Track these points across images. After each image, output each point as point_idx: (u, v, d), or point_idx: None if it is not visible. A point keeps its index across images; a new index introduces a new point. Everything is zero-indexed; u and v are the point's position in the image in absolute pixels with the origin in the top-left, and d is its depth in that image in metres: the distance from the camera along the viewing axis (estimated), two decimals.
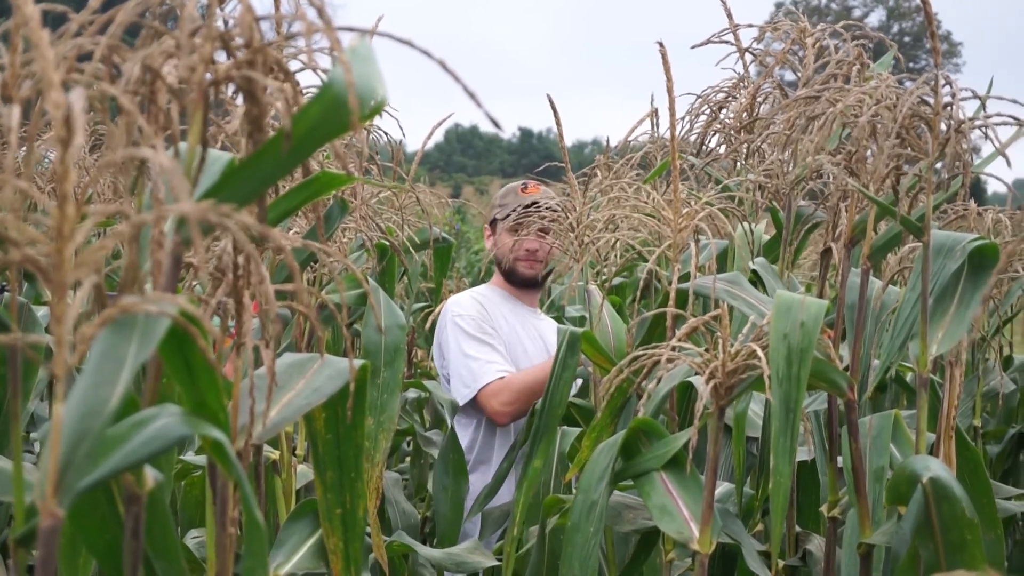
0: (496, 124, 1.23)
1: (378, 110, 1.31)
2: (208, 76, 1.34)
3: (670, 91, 2.76)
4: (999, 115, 2.23)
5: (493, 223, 4.76)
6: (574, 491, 2.48)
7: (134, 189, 1.47)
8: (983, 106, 2.33)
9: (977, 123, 2.25)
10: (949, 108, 2.25)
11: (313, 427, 2.06)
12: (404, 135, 3.49)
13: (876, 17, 59.04)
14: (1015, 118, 2.21)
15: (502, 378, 4.44)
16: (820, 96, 2.35)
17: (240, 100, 1.38)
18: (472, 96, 1.20)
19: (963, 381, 4.79)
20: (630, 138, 4.10)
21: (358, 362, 1.79)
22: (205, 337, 1.29)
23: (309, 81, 2.87)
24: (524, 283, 4.76)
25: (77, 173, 1.15)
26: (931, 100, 2.26)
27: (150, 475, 1.44)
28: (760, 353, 2.07)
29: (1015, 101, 2.23)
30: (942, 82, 2.25)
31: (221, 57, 1.37)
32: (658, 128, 4.22)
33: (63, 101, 1.10)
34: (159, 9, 1.34)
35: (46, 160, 3.40)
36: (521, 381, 4.40)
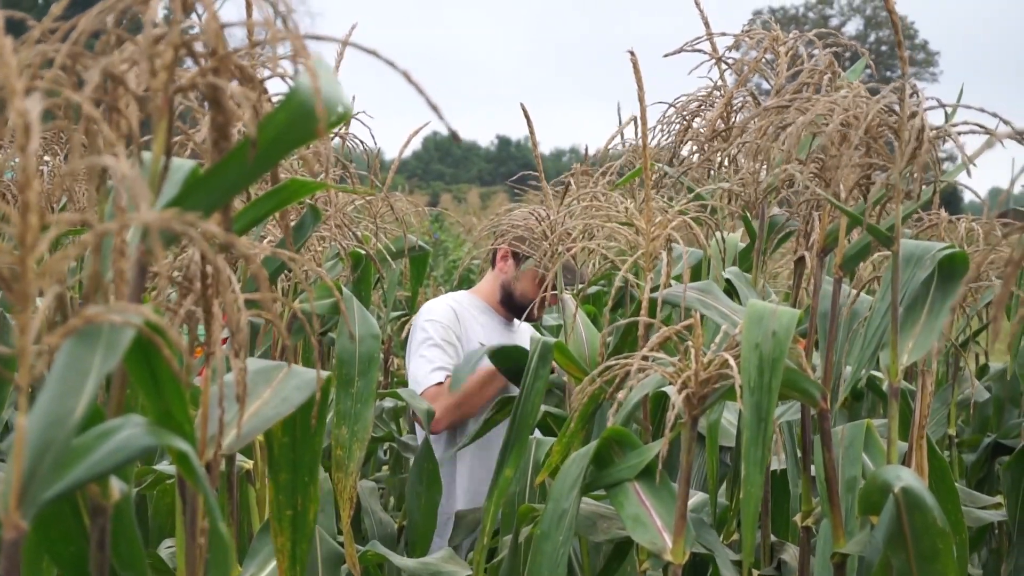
0: (456, 136, 1.23)
1: (345, 118, 1.31)
2: (174, 84, 1.33)
3: (641, 100, 2.76)
4: (966, 123, 2.23)
5: (516, 255, 4.70)
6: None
7: (99, 197, 1.46)
8: (947, 116, 2.33)
9: (944, 132, 2.25)
10: (916, 117, 2.25)
11: (270, 431, 2.06)
12: (377, 144, 3.48)
13: (853, 26, 59.30)
14: (982, 126, 2.21)
15: (440, 383, 4.45)
16: (790, 105, 2.35)
17: (207, 108, 1.38)
18: (435, 108, 1.19)
19: (935, 390, 4.82)
20: (609, 146, 4.10)
21: (325, 373, 1.78)
22: (170, 347, 1.28)
23: (277, 89, 2.86)
24: (516, 315, 4.77)
25: (51, 182, 1.14)
26: (898, 109, 2.26)
27: (116, 486, 1.43)
28: (732, 363, 2.07)
29: (982, 110, 2.23)
30: (909, 92, 2.25)
31: (191, 66, 1.36)
32: (637, 136, 4.21)
33: (26, 109, 1.10)
34: (123, 16, 1.33)
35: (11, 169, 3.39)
36: (471, 385, 4.38)
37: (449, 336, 4.59)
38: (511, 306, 4.77)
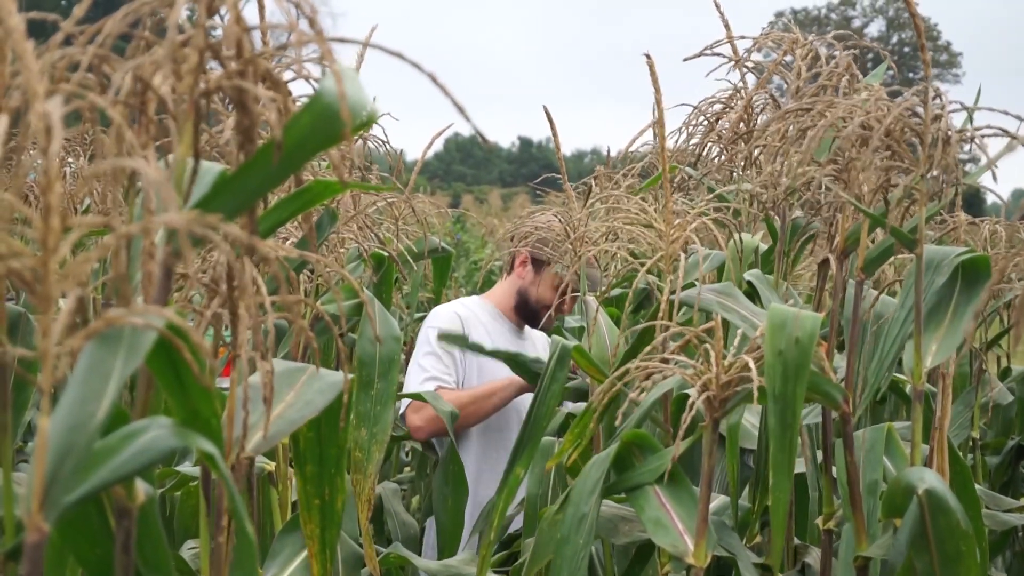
0: (483, 138, 1.23)
1: (370, 121, 1.31)
2: (200, 86, 1.33)
3: (659, 103, 2.77)
4: (989, 127, 2.23)
5: (536, 261, 4.69)
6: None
7: (127, 199, 1.46)
8: (970, 118, 2.33)
9: (967, 135, 2.25)
10: (939, 120, 2.25)
11: None
12: (399, 145, 3.49)
13: (876, 27, 59.17)
14: (1004, 130, 2.21)
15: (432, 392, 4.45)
16: (811, 108, 2.35)
17: (232, 111, 1.38)
18: (461, 110, 1.20)
19: (960, 394, 4.79)
20: (631, 148, 4.10)
21: (350, 376, 1.79)
22: (193, 350, 1.28)
23: (302, 91, 2.87)
24: (529, 321, 4.77)
25: (74, 184, 1.15)
26: (921, 112, 2.26)
27: (141, 488, 1.43)
28: (752, 366, 2.06)
29: (1006, 112, 2.22)
30: (932, 94, 2.25)
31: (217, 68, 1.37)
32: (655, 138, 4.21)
33: (48, 112, 1.10)
34: (150, 19, 1.34)
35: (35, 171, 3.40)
36: (458, 400, 4.36)
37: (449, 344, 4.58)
38: (525, 312, 4.75)
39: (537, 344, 4.81)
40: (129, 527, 1.43)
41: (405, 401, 4.44)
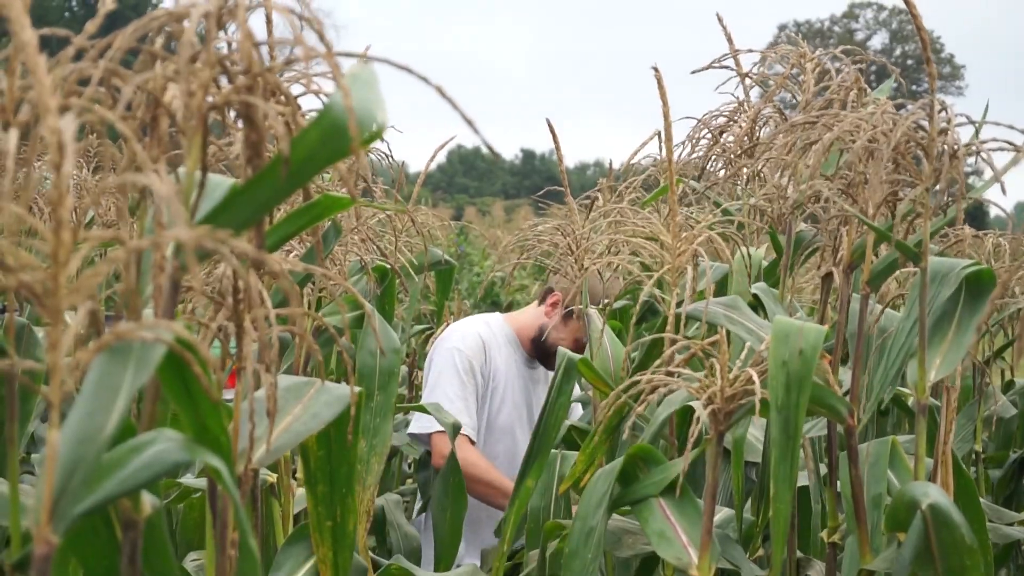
0: (492, 151, 1.24)
1: (378, 135, 1.31)
2: (208, 100, 1.34)
3: (666, 116, 2.77)
4: (995, 140, 2.23)
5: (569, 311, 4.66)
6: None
7: (135, 213, 1.47)
8: (977, 132, 2.33)
9: (973, 149, 2.25)
10: (945, 134, 2.25)
11: (305, 443, 2.07)
12: (401, 157, 3.49)
13: (879, 40, 59.22)
14: (1011, 143, 2.21)
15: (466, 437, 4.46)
16: (818, 121, 2.35)
17: (240, 125, 1.39)
18: (470, 123, 1.20)
19: (963, 407, 4.79)
20: (633, 161, 4.10)
21: (357, 389, 1.79)
22: (201, 363, 1.29)
23: (311, 105, 2.87)
24: (542, 360, 4.77)
25: (82, 197, 1.15)
26: (927, 125, 2.26)
27: (147, 501, 1.43)
28: (756, 379, 2.07)
29: (1012, 127, 2.23)
30: (938, 108, 2.25)
31: (225, 82, 1.37)
32: (661, 151, 4.21)
33: (59, 126, 1.10)
34: (158, 34, 1.34)
35: (47, 183, 3.41)
36: (472, 465, 4.38)
37: (473, 370, 4.58)
38: (540, 350, 4.73)
39: (543, 388, 4.80)
40: (135, 539, 1.43)
41: (429, 421, 4.40)
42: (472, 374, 4.58)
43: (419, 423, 4.49)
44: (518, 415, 4.70)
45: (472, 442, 4.53)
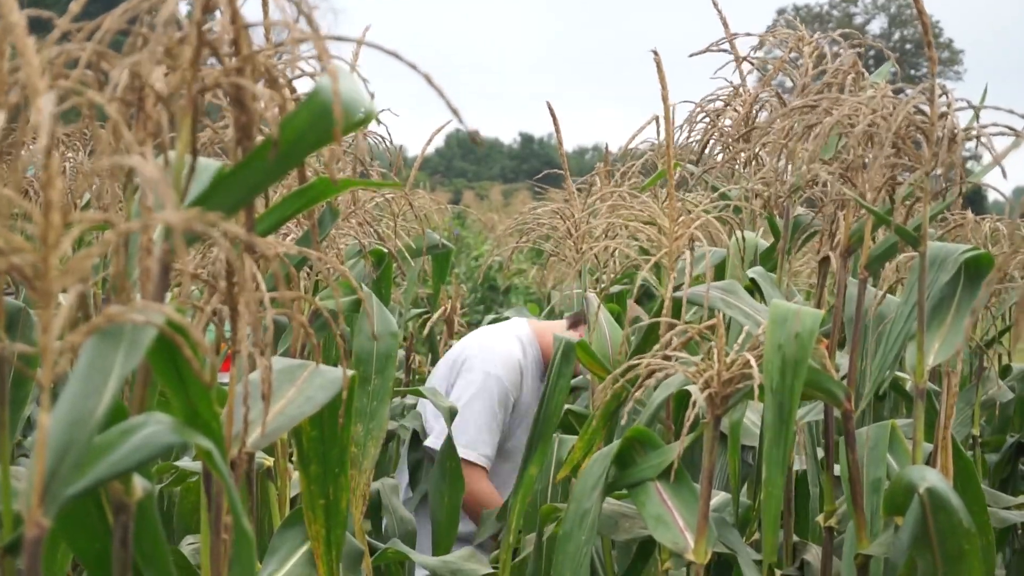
0: (477, 139, 1.23)
1: (368, 119, 1.31)
2: (197, 83, 1.33)
3: (665, 100, 2.76)
4: (995, 125, 2.22)
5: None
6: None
7: (126, 195, 1.46)
8: (976, 116, 2.32)
9: (973, 133, 2.24)
10: (944, 118, 2.24)
11: (298, 424, 2.08)
12: (399, 141, 3.49)
13: (878, 24, 59.15)
14: (1011, 128, 2.20)
15: (484, 469, 4.47)
16: (817, 105, 2.35)
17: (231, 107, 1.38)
18: (455, 112, 1.19)
19: (960, 391, 4.79)
20: (631, 145, 4.09)
21: (351, 372, 1.79)
22: (192, 347, 1.28)
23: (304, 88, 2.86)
24: None
25: (74, 179, 1.15)
26: (927, 110, 2.25)
27: (139, 484, 1.43)
28: (753, 363, 2.06)
29: (1012, 111, 2.22)
30: (938, 92, 2.24)
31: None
32: (659, 135, 4.20)
33: (40, 107, 1.10)
34: (148, 16, 1.33)
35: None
36: (487, 498, 4.40)
37: (506, 402, 4.54)
38: None
39: None
40: (127, 522, 1.42)
41: (462, 432, 4.34)
42: (505, 407, 4.54)
43: (435, 435, 4.40)
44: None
45: (485, 470, 4.52)
